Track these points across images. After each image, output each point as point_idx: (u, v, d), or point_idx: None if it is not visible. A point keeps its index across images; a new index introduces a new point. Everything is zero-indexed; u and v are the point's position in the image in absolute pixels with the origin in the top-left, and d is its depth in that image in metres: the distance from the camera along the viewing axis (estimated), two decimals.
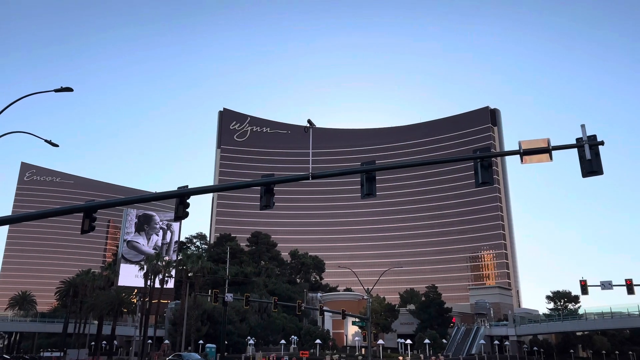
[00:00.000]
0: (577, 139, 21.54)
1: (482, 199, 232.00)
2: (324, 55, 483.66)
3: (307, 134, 29.04)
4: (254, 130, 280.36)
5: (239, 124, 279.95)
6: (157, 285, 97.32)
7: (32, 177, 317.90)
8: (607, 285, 54.69)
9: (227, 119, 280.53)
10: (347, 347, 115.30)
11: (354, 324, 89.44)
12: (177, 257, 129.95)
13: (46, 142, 33.09)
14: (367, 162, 24.67)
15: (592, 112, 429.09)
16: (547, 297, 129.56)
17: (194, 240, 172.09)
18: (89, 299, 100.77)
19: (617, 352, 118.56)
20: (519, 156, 21.78)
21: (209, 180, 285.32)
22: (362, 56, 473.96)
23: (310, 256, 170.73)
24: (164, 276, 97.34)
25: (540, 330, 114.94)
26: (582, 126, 21.44)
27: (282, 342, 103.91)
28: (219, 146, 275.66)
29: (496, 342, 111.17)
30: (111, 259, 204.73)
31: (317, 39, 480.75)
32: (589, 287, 55.22)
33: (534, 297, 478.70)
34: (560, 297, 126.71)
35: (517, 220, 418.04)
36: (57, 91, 29.09)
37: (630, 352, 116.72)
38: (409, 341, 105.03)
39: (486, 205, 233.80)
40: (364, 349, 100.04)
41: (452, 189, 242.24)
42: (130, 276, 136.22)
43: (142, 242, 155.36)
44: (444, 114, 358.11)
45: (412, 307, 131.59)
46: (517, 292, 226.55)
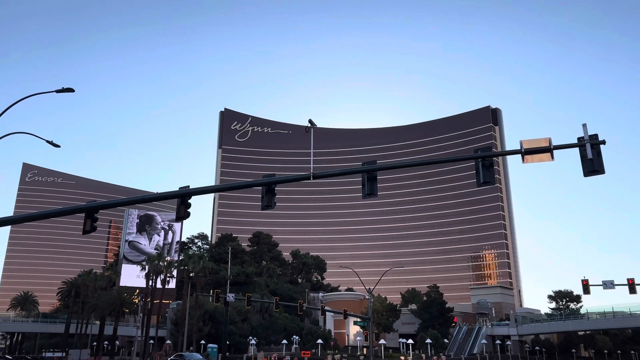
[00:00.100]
0: (579, 138, 21.52)
1: (484, 198, 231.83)
2: (324, 55, 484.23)
3: (308, 134, 28.99)
4: (255, 130, 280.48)
5: (240, 124, 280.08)
6: (158, 285, 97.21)
7: (33, 177, 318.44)
8: (609, 284, 54.63)
9: (228, 119, 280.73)
10: (349, 347, 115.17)
11: (355, 323, 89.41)
12: (178, 258, 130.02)
13: (48, 142, 33.10)
14: (368, 162, 24.63)
15: (593, 112, 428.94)
16: (549, 297, 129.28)
17: (196, 240, 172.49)
18: (91, 299, 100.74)
19: (619, 351, 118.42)
20: (520, 156, 21.75)
21: (210, 180, 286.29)
22: (362, 56, 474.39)
23: (311, 256, 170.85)
24: (165, 276, 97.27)
25: (542, 329, 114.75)
26: (584, 125, 21.42)
27: (284, 342, 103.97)
28: (220, 146, 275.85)
29: (498, 341, 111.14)
30: (113, 260, 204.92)
31: (317, 39, 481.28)
32: (591, 287, 55.20)
33: (535, 297, 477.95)
34: (562, 297, 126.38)
35: (518, 219, 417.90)
36: (58, 92, 29.09)
37: (632, 352, 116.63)
38: (410, 341, 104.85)
39: (487, 204, 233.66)
40: (365, 349, 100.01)
41: (454, 188, 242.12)
42: (131, 276, 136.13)
43: (143, 242, 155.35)
44: (445, 114, 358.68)
45: (413, 306, 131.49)
46: (519, 291, 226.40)
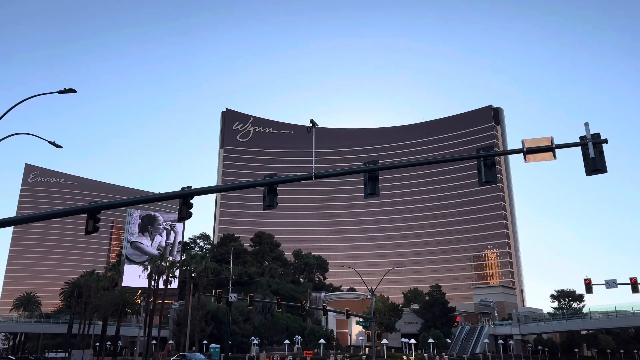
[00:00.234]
0: (581, 137, 21.46)
1: (486, 198, 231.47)
2: (325, 55, 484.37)
3: (310, 134, 28.94)
4: (257, 130, 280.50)
5: (241, 124, 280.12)
6: (161, 285, 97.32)
7: (36, 178, 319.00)
8: (611, 283, 54.58)
9: (230, 119, 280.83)
10: (351, 347, 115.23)
11: (357, 323, 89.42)
12: (180, 258, 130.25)
13: (50, 143, 33.18)
14: (370, 161, 24.61)
15: (595, 111, 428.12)
16: (552, 296, 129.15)
17: (198, 240, 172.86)
18: (93, 299, 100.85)
19: (622, 350, 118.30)
20: (522, 155, 21.72)
21: (212, 180, 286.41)
22: (363, 56, 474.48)
23: (313, 256, 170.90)
24: (167, 276, 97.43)
25: (544, 329, 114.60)
26: (586, 124, 21.37)
27: (286, 342, 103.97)
28: (222, 146, 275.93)
29: (500, 341, 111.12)
30: (115, 260, 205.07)
31: (318, 39, 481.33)
32: (594, 286, 55.19)
33: (538, 296, 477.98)
34: (564, 296, 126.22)
35: (520, 219, 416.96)
36: (60, 92, 29.13)
37: (635, 351, 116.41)
38: (412, 340, 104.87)
39: (489, 204, 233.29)
40: (368, 349, 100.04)
41: (456, 188, 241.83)
42: (134, 277, 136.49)
43: (146, 242, 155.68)
44: (447, 113, 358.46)
45: (415, 306, 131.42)
46: (521, 291, 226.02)
